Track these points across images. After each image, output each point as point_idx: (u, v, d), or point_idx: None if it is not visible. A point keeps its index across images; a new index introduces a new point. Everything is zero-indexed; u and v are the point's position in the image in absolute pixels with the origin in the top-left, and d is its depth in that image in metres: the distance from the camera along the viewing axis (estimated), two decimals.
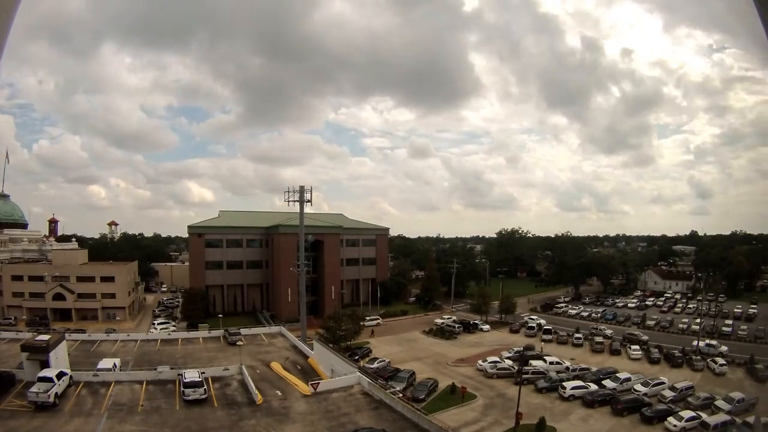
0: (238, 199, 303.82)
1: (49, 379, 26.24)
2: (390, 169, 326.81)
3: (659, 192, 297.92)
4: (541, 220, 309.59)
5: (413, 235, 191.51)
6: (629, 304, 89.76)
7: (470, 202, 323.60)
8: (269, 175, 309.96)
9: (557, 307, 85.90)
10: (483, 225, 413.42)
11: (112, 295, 71.17)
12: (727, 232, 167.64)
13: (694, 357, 50.40)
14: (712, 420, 31.99)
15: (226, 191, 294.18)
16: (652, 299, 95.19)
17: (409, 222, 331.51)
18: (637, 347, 54.62)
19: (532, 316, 75.87)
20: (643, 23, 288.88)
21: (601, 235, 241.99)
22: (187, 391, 27.36)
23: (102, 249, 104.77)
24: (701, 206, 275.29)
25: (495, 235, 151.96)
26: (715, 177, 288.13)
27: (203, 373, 30.47)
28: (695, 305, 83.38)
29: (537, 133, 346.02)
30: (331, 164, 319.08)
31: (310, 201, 51.05)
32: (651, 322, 71.97)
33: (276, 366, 35.63)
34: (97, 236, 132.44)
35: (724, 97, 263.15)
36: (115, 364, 33.20)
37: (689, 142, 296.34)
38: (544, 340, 60.36)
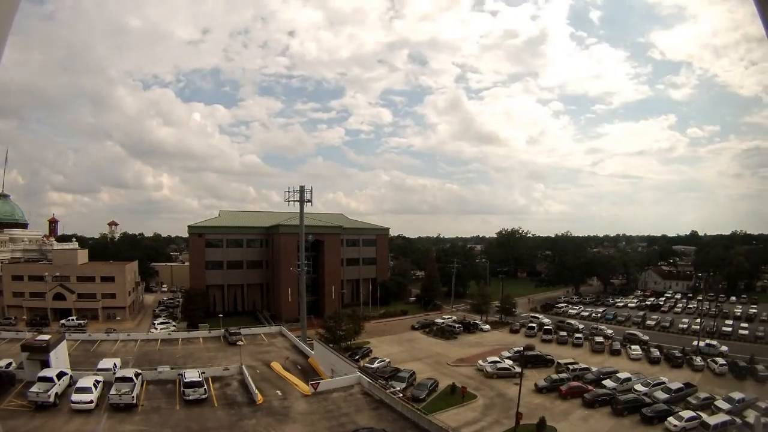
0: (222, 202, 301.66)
1: (49, 379, 26.28)
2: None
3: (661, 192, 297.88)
4: (541, 221, 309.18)
5: (413, 235, 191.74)
6: (629, 304, 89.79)
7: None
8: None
9: (557, 307, 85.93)
10: (483, 225, 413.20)
11: (113, 295, 71.18)
12: (727, 232, 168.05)
13: (694, 357, 50.36)
14: (712, 420, 31.94)
15: (213, 197, 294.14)
16: (652, 299, 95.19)
17: (409, 222, 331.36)
18: (637, 347, 54.54)
19: (532, 316, 75.93)
20: None
21: (601, 235, 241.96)
22: (188, 391, 27.40)
23: (102, 249, 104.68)
24: (701, 206, 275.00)
25: (495, 235, 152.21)
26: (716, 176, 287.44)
27: (203, 373, 30.54)
28: (695, 305, 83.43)
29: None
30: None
31: (310, 201, 51.21)
32: (651, 322, 71.94)
33: (276, 366, 35.68)
34: (97, 236, 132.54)
35: None
36: (115, 364, 33.23)
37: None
38: (544, 340, 60.50)
